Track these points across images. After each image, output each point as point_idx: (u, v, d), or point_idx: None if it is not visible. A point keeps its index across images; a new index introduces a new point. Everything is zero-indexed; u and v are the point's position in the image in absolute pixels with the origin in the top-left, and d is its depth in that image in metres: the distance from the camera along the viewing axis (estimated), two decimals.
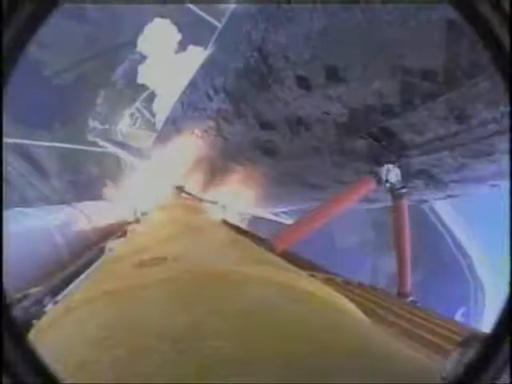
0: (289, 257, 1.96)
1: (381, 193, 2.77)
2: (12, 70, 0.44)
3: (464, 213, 9.30)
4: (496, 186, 2.84)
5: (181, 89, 5.08)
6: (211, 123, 4.17)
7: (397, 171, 2.60)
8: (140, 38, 10.42)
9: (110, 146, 9.82)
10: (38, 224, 2.76)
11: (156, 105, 10.87)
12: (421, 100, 2.01)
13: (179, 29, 10.41)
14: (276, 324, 0.56)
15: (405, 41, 1.80)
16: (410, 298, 2.71)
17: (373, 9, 1.80)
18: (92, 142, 10.17)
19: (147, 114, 11.09)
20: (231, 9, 3.52)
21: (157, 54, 10.53)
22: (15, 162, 9.67)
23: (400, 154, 2.55)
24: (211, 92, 3.75)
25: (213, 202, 4.82)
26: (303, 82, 2.51)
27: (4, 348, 0.39)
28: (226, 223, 2.98)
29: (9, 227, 2.36)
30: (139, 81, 10.73)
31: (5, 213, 2.48)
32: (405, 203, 2.76)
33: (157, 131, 8.62)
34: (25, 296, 1.32)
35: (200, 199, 4.76)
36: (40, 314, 1.10)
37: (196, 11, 10.13)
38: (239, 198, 5.86)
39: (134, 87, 10.88)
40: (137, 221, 3.43)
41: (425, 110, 2.06)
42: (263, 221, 8.05)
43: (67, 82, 10.28)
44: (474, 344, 0.40)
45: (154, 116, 10.95)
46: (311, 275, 1.77)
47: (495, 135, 2.00)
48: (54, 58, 9.97)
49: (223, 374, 0.41)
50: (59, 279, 1.46)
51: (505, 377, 0.39)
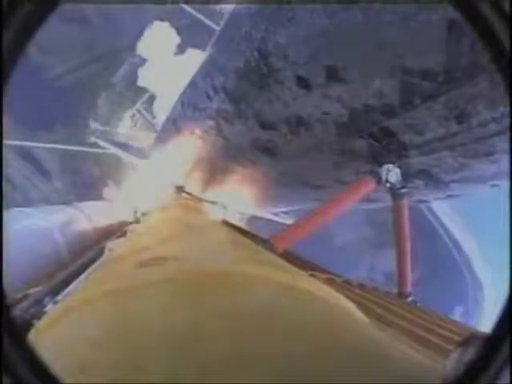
0: (289, 257, 1.96)
1: (381, 193, 2.77)
2: (12, 71, 0.44)
3: (461, 212, 9.31)
4: (496, 186, 2.84)
5: (180, 91, 5.10)
6: (211, 123, 4.17)
7: (397, 171, 2.60)
8: (140, 42, 10.46)
9: (111, 147, 9.85)
10: (39, 224, 2.76)
11: (156, 106, 10.90)
12: (421, 100, 2.01)
13: (178, 32, 10.44)
14: (276, 324, 0.56)
15: (405, 41, 1.80)
16: (410, 298, 2.71)
17: (373, 9, 1.80)
18: (93, 144, 10.21)
19: (147, 116, 11.13)
20: (230, 10, 3.53)
21: (156, 57, 10.57)
22: (17, 163, 9.72)
23: (400, 154, 2.55)
24: (211, 92, 3.75)
25: (213, 202, 4.82)
26: (303, 82, 2.51)
27: (4, 348, 0.39)
28: (226, 223, 2.98)
29: (9, 227, 2.36)
30: (139, 83, 10.77)
31: (5, 213, 2.48)
32: (405, 203, 2.76)
33: (157, 132, 8.65)
34: (25, 296, 1.32)
35: (200, 199, 4.76)
36: (40, 314, 1.11)
37: (194, 14, 10.13)
38: (239, 198, 5.86)
39: (135, 90, 10.94)
40: (137, 221, 3.44)
41: (425, 110, 2.06)
42: (263, 221, 8.05)
43: (68, 85, 10.33)
44: (474, 344, 0.40)
45: (155, 117, 10.99)
46: (311, 275, 1.77)
47: (495, 135, 2.00)
48: (56, 62, 10.04)
49: (223, 374, 0.41)
50: (59, 279, 1.46)
51: (505, 377, 0.39)
